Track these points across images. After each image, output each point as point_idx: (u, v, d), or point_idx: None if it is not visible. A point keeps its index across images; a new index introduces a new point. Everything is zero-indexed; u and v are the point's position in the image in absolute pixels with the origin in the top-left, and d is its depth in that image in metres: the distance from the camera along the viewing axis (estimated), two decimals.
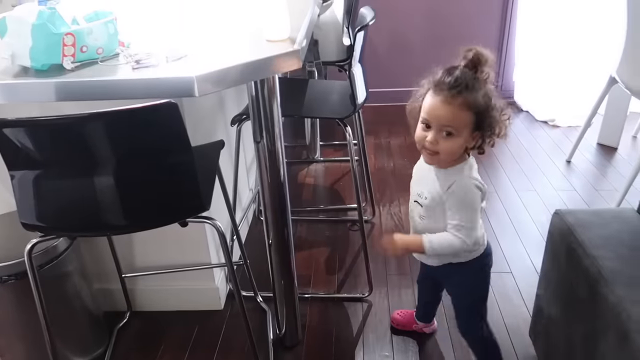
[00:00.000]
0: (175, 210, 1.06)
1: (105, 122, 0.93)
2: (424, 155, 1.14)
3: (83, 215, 1.02)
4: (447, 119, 1.05)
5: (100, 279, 1.65)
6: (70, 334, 1.46)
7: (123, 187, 0.99)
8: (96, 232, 1.11)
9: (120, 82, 1.03)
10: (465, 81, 1.04)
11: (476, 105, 1.05)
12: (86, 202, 0.99)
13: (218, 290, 1.70)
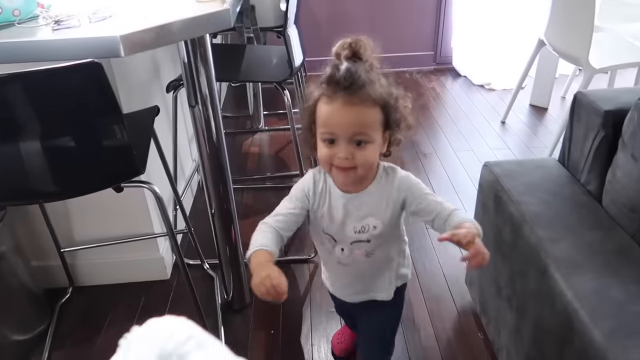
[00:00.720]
0: (108, 175, 1.04)
1: (25, 84, 0.90)
2: (338, 176, 0.92)
3: (11, 183, 0.98)
4: (356, 124, 0.86)
5: (37, 255, 1.60)
6: (8, 313, 1.42)
7: (51, 152, 0.96)
8: (27, 201, 1.07)
9: (39, 43, 0.98)
10: (359, 73, 0.85)
11: (381, 98, 0.87)
12: (13, 168, 0.95)
13: (163, 260, 1.69)
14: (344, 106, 0.85)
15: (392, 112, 0.90)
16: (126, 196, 1.51)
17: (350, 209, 0.97)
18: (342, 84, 0.85)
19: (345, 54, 0.87)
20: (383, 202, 0.97)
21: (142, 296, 1.65)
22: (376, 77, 0.88)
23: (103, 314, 1.59)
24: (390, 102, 0.89)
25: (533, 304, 1.08)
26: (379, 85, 0.87)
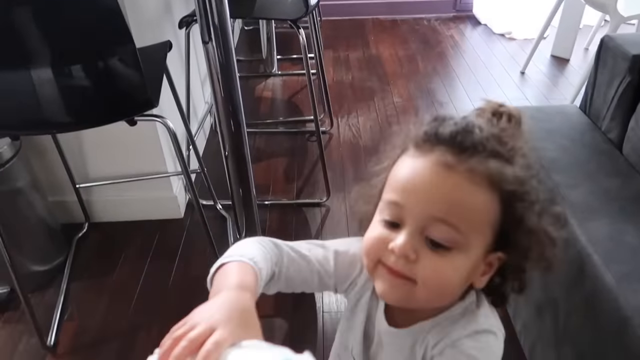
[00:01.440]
0: (121, 107, 1.03)
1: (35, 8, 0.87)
2: (381, 280, 0.53)
3: (24, 112, 0.98)
4: (444, 202, 0.50)
5: (54, 191, 1.62)
6: (27, 245, 1.46)
7: (62, 81, 0.95)
8: (40, 131, 1.08)
9: None
10: (484, 132, 0.52)
11: (507, 182, 0.51)
12: (25, 97, 0.95)
13: (177, 199, 1.71)
14: (437, 167, 0.50)
15: (522, 219, 0.51)
16: (140, 133, 1.52)
17: (387, 340, 0.60)
18: (447, 136, 0.51)
19: (485, 113, 0.56)
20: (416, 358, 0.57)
21: (156, 234, 1.68)
22: (518, 157, 0.53)
23: (118, 249, 1.63)
24: (523, 197, 0.51)
25: None
26: (511, 166, 0.52)
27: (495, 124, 0.55)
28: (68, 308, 1.44)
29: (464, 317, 0.54)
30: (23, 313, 1.40)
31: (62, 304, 1.44)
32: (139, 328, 1.36)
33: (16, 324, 1.40)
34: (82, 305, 1.45)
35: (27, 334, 1.36)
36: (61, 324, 1.39)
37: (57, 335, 1.36)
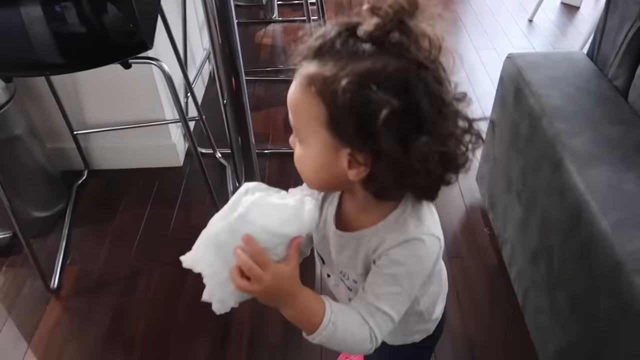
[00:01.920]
0: (114, 48, 1.00)
1: None
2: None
3: (16, 52, 0.96)
4: (290, 102, 0.57)
5: (52, 138, 1.61)
6: (27, 192, 1.46)
7: (53, 19, 0.91)
8: (32, 72, 1.05)
9: None
10: (338, 38, 0.52)
11: (326, 83, 0.51)
12: (16, 36, 0.92)
13: (175, 147, 1.70)
14: (295, 79, 0.56)
15: (356, 115, 0.51)
16: (136, 78, 1.50)
17: (334, 239, 0.67)
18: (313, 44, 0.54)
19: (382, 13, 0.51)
20: (359, 259, 0.64)
21: (155, 181, 1.68)
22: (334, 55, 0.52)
23: (118, 196, 1.63)
24: (344, 93, 0.50)
25: (543, 198, 1.08)
26: (329, 65, 0.51)
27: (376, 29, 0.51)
28: (70, 253, 1.46)
29: (397, 224, 0.60)
30: (26, 257, 1.42)
31: (64, 248, 1.46)
32: (140, 273, 1.39)
33: (20, 267, 1.42)
34: (83, 250, 1.47)
35: (31, 277, 1.39)
36: (64, 268, 1.41)
37: (61, 278, 1.38)
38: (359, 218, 0.63)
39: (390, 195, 0.59)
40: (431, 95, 0.51)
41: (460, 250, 1.44)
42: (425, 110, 0.51)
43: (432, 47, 0.51)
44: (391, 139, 0.50)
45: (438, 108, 0.52)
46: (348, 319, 0.59)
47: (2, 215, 1.39)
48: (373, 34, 0.51)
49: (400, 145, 0.51)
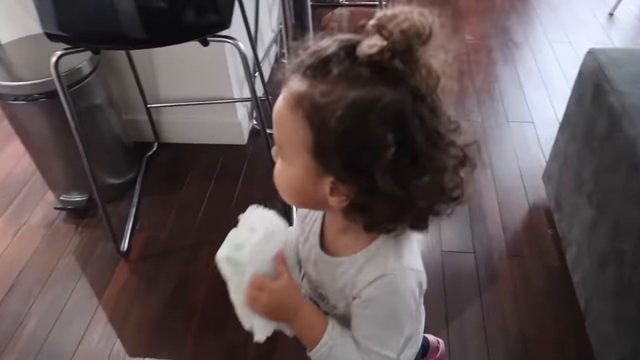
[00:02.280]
0: (195, 26, 1.04)
1: None
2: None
3: (103, 26, 1.01)
4: (275, 118, 0.53)
5: (128, 109, 1.70)
6: (104, 159, 1.55)
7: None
8: (117, 45, 1.11)
9: None
10: (335, 57, 0.49)
11: (314, 106, 0.49)
12: (105, 11, 0.97)
13: (241, 125, 1.75)
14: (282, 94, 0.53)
15: (341, 142, 0.48)
16: (208, 57, 1.55)
17: (316, 259, 0.66)
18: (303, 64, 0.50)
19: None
20: (338, 286, 0.63)
21: (220, 158, 1.74)
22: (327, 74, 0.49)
23: (184, 170, 1.71)
24: (331, 117, 0.47)
25: (617, 200, 1.04)
26: (319, 86, 0.48)
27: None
28: (139, 219, 1.54)
29: (378, 255, 0.58)
30: (100, 220, 1.52)
31: (134, 215, 1.55)
32: (203, 243, 1.45)
33: (94, 229, 1.52)
34: (151, 218, 1.55)
35: (104, 239, 1.48)
36: (133, 234, 1.50)
37: (130, 243, 1.47)
38: (338, 240, 0.62)
39: (382, 229, 0.56)
40: (427, 129, 0.48)
41: (521, 249, 1.41)
42: (420, 145, 0.48)
43: (429, 78, 0.48)
44: (387, 177, 0.48)
45: (434, 141, 0.49)
46: (347, 348, 0.60)
47: (80, 180, 1.49)
48: (374, 58, 0.46)
49: (397, 182, 0.49)
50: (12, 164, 1.77)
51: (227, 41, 1.09)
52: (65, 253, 1.46)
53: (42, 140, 1.45)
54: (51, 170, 1.54)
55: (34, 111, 1.35)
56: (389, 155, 0.47)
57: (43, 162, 1.53)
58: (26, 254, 1.46)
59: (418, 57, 0.47)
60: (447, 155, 0.51)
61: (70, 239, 1.50)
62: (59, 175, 1.55)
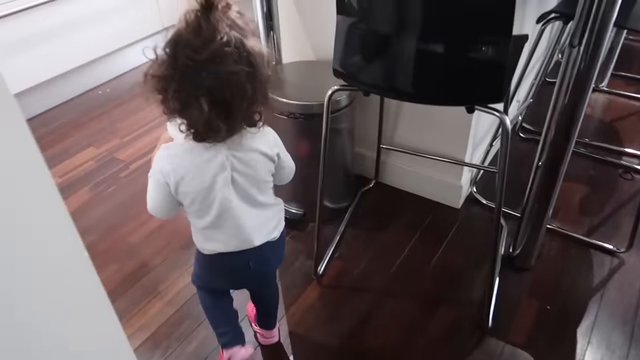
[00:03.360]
0: (471, 93, 1.03)
1: None
2: None
3: (382, 76, 1.07)
4: None
5: (361, 143, 1.79)
6: (329, 181, 1.64)
7: (425, 54, 0.99)
8: (387, 93, 1.17)
9: None
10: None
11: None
12: (387, 60, 1.03)
13: (461, 189, 1.69)
14: None
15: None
16: (455, 117, 1.54)
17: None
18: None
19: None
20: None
21: (430, 213, 1.71)
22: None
23: (393, 214, 1.72)
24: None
25: None
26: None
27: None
28: (340, 248, 1.60)
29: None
30: (307, 236, 1.63)
31: (337, 242, 1.61)
32: (392, 294, 1.44)
33: (298, 243, 1.63)
34: (351, 250, 1.59)
35: (305, 255, 1.57)
36: (331, 260, 1.56)
37: (326, 267, 1.53)
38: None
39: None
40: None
41: None
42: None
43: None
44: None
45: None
46: None
47: (301, 194, 1.61)
48: None
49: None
50: None
51: (494, 113, 1.06)
52: None
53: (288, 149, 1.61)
54: None
55: (289, 126, 1.51)
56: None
57: None
58: None
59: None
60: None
61: None
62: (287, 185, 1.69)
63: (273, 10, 1.60)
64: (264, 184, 0.98)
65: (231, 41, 0.77)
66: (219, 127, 0.82)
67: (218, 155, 0.88)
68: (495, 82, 1.00)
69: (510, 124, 1.54)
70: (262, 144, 0.94)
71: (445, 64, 1.02)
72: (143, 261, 1.58)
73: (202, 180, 0.89)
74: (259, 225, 0.99)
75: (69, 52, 2.30)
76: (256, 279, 1.12)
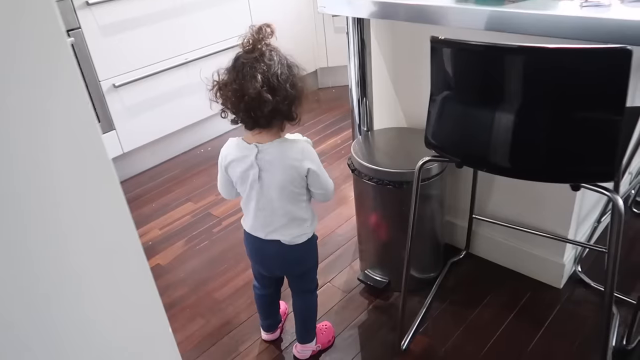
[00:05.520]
0: (575, 170, 0.95)
1: (542, 58, 0.88)
2: None
3: (474, 149, 1.03)
4: None
5: (452, 212, 1.73)
6: (415, 250, 1.59)
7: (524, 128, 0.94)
8: (480, 166, 1.12)
9: (563, 18, 0.95)
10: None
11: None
12: (481, 135, 0.99)
13: (563, 268, 1.55)
14: None
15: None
16: (557, 190, 1.43)
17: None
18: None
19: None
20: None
21: (527, 292, 1.58)
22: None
23: (486, 289, 1.60)
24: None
25: None
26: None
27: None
28: (426, 322, 1.51)
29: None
30: (390, 306, 1.56)
31: (422, 315, 1.52)
32: None
33: (382, 313, 1.56)
34: (437, 326, 1.50)
35: (388, 327, 1.50)
36: (416, 334, 1.47)
37: (410, 342, 1.44)
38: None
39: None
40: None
41: None
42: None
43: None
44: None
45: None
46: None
47: (386, 261, 1.57)
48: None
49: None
50: (339, 223, 2.00)
51: (605, 193, 0.97)
52: (352, 324, 1.53)
53: (372, 217, 1.59)
54: (368, 243, 1.67)
55: (377, 192, 1.49)
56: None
57: (364, 234, 1.68)
58: (321, 309, 1.60)
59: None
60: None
61: (360, 313, 1.57)
62: (371, 250, 1.66)
63: (367, 77, 1.63)
64: (289, 192, 1.16)
65: (273, 51, 1.07)
66: (268, 100, 1.03)
67: (251, 154, 1.12)
68: (605, 160, 0.92)
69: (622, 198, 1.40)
70: (289, 152, 1.13)
71: (547, 139, 0.96)
72: (227, 319, 1.60)
73: (241, 169, 1.15)
74: (265, 224, 1.20)
75: (178, 114, 2.51)
76: (274, 267, 1.32)
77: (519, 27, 1.01)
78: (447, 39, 0.97)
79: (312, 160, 1.15)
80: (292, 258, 1.27)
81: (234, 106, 1.09)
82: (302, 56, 1.13)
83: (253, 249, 1.29)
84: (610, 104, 0.87)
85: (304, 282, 1.36)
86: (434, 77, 1.07)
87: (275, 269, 1.34)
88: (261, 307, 1.45)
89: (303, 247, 1.24)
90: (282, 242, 1.22)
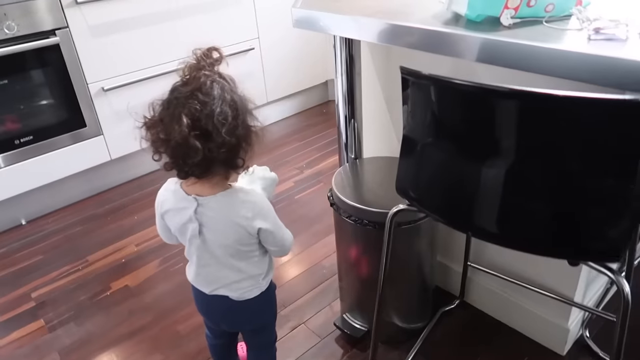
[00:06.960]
0: (571, 244, 0.76)
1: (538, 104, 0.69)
2: None
3: (454, 205, 0.85)
4: None
5: (445, 253, 1.53)
6: (399, 296, 1.41)
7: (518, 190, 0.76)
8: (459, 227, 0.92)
9: (568, 54, 0.76)
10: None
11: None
12: (465, 191, 0.81)
13: (567, 333, 1.34)
14: None
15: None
16: None
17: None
18: None
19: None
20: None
21: (524, 355, 1.37)
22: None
23: (481, 345, 1.41)
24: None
25: None
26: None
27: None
28: None
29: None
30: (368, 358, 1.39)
31: None
32: None
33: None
34: None
35: None
36: None
37: None
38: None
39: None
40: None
41: None
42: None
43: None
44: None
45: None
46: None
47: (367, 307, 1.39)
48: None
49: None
50: (326, 253, 1.83)
51: (608, 275, 0.77)
52: None
53: (351, 255, 1.42)
54: (348, 282, 1.49)
55: (357, 231, 1.32)
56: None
57: (343, 270, 1.50)
58: (292, 354, 1.43)
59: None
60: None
61: None
62: (351, 291, 1.49)
63: (356, 97, 1.45)
64: (236, 251, 0.98)
65: (215, 82, 0.86)
66: (197, 149, 0.82)
67: (189, 207, 0.93)
68: (611, 235, 0.72)
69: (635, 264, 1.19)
70: (236, 209, 0.93)
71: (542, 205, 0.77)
72: (187, 357, 1.46)
73: (179, 221, 0.97)
74: (209, 282, 1.03)
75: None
76: (223, 323, 1.14)
77: (515, 62, 0.82)
78: (418, 72, 0.79)
79: (264, 218, 0.95)
80: (244, 315, 1.08)
81: (161, 150, 0.89)
82: (312, 68, 0.98)
83: (198, 301, 1.11)
84: (621, 168, 0.67)
85: (260, 337, 1.18)
86: (406, 112, 0.89)
87: (224, 326, 1.15)
88: (215, 355, 1.28)
89: (256, 301, 1.05)
90: (231, 298, 1.03)
